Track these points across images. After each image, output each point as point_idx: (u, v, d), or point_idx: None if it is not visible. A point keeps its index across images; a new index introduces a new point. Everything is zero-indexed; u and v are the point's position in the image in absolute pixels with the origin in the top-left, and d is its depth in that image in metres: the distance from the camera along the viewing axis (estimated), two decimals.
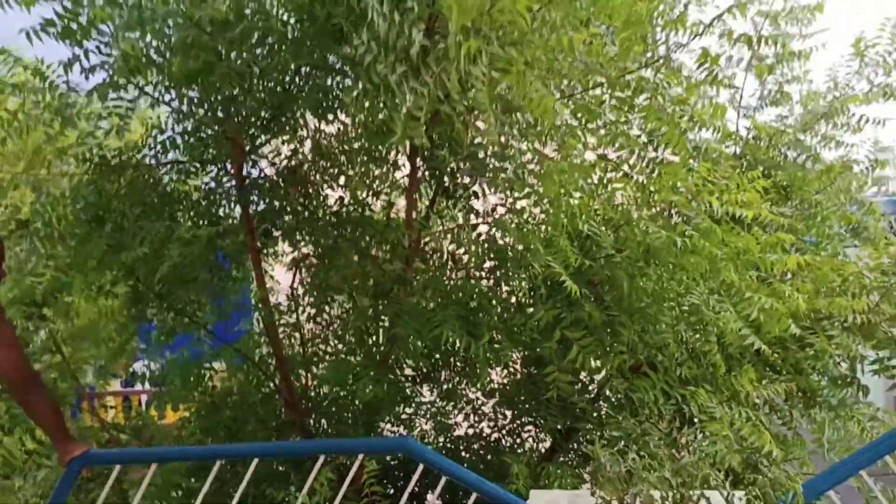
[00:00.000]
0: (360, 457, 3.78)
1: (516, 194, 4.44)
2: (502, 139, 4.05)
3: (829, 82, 5.35)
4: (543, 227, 4.35)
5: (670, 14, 4.27)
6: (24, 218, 8.95)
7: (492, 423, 5.32)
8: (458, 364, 5.15)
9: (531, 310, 4.19)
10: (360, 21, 3.24)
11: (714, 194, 3.95)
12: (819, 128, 5.23)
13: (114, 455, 4.36)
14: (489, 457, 5.10)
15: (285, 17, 3.73)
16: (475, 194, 4.80)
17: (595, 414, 4.41)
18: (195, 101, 4.27)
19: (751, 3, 4.72)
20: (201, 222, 4.71)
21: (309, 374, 5.17)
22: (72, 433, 3.65)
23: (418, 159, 4.51)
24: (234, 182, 4.69)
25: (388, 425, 5.21)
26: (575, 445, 4.86)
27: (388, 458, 4.86)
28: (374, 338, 4.87)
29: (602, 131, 4.27)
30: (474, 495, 3.51)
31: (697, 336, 4.27)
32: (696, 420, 3.96)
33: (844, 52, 5.25)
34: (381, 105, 3.70)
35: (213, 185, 4.86)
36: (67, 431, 3.60)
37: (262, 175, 4.84)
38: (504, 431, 5.27)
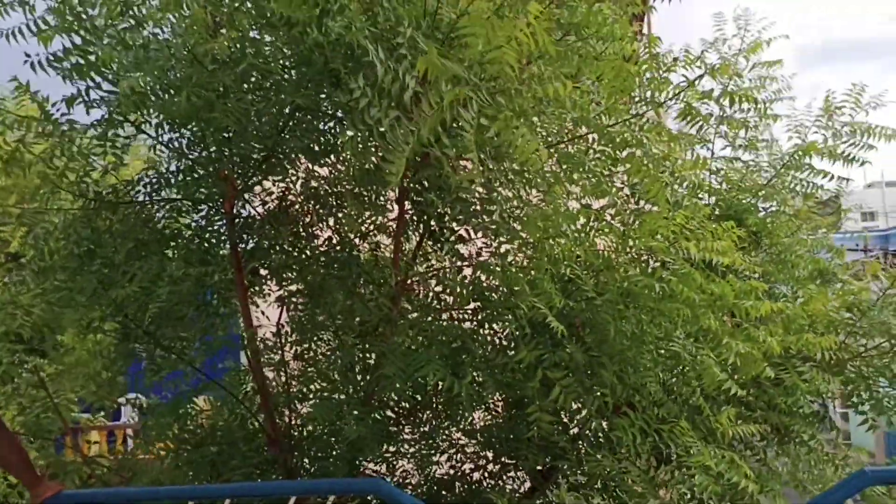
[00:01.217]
0: (332, 498, 3.81)
1: (501, 239, 4.57)
2: (490, 183, 4.18)
3: (792, 135, 5.59)
4: (526, 271, 4.47)
5: (655, 72, 4.49)
6: (12, 251, 8.99)
7: (472, 465, 5.36)
8: (441, 405, 5.21)
9: (513, 351, 4.29)
10: (356, 67, 3.40)
11: (691, 241, 4.09)
12: (787, 181, 5.45)
13: (86, 496, 4.32)
14: (471, 500, 5.13)
15: (284, 63, 3.87)
16: (461, 238, 4.91)
17: (575, 453, 4.49)
18: (192, 139, 4.38)
19: (725, 66, 4.96)
20: (191, 260, 4.77)
21: (292, 412, 5.20)
22: (43, 473, 3.60)
23: (406, 202, 4.64)
24: (224, 221, 4.79)
25: (372, 465, 5.23)
26: (554, 487, 4.92)
27: (369, 498, 4.88)
28: (359, 376, 4.93)
29: (587, 182, 4.44)
30: None
31: (675, 379, 4.38)
32: (673, 458, 4.04)
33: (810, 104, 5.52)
34: (374, 148, 3.86)
35: (203, 223, 4.95)
36: (36, 473, 3.59)
37: (256, 215, 4.94)
38: (486, 473, 5.31)
